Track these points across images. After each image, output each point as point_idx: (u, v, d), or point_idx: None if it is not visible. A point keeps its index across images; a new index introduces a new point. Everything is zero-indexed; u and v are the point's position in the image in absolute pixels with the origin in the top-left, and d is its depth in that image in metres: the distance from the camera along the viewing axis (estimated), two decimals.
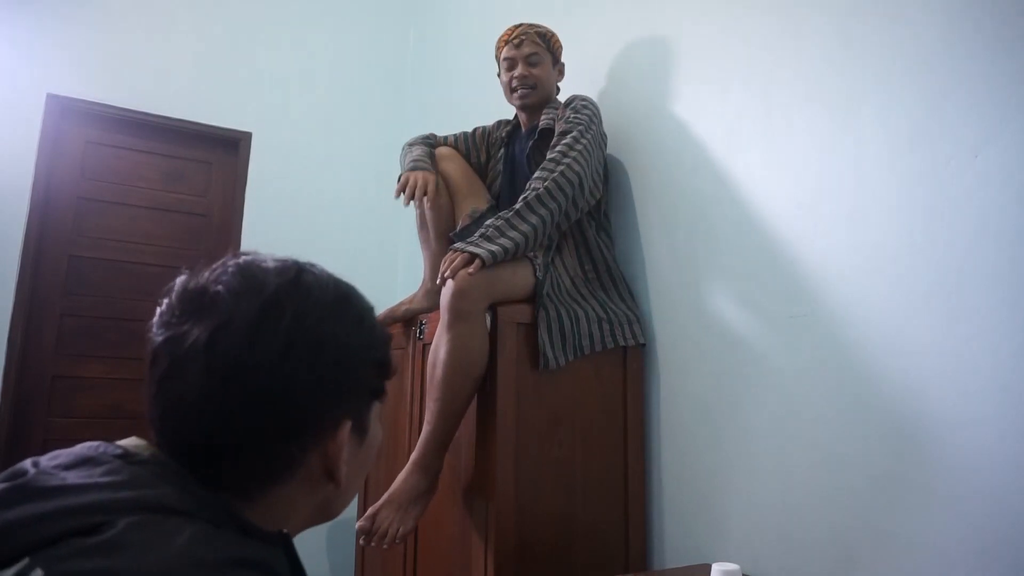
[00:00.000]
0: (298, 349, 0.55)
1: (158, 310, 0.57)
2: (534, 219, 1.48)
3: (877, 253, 1.18)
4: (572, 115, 1.64)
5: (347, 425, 0.58)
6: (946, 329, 1.07)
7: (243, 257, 0.59)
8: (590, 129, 1.62)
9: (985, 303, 1.02)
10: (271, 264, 0.59)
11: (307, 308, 0.57)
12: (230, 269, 0.57)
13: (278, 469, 0.56)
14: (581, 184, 1.54)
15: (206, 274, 0.58)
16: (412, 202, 1.71)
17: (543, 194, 1.50)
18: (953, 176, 1.08)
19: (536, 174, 1.55)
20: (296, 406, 0.55)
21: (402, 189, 1.71)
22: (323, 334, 0.57)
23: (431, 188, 1.71)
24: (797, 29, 1.38)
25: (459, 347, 1.39)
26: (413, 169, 1.75)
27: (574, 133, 1.59)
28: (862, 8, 1.25)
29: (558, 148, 1.57)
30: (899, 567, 1.09)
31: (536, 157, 1.72)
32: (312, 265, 0.61)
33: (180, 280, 0.58)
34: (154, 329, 0.56)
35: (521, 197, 1.52)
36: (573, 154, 1.55)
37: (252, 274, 0.57)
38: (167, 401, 0.54)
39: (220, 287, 0.55)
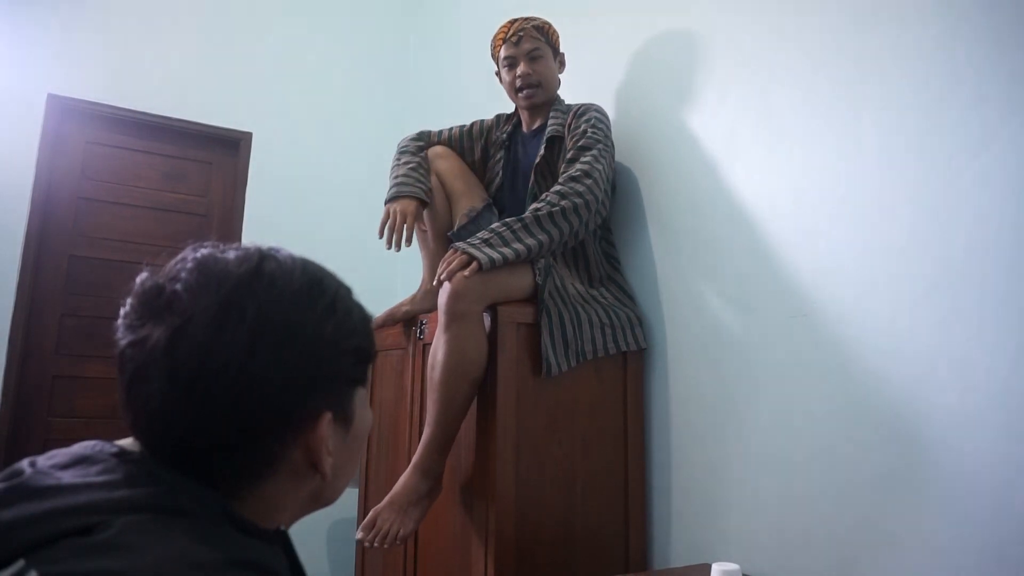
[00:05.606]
0: (264, 344, 0.51)
1: (122, 311, 0.54)
2: (543, 236, 1.46)
3: (877, 253, 1.18)
4: (591, 131, 1.61)
5: (327, 417, 0.56)
6: (945, 329, 1.06)
7: (202, 250, 0.56)
8: (607, 147, 1.61)
9: (984, 303, 1.02)
10: (231, 255, 0.55)
11: (271, 299, 0.53)
12: (188, 264, 0.54)
13: (259, 467, 0.54)
14: (596, 208, 1.53)
15: (165, 270, 0.54)
16: (392, 245, 1.61)
17: (557, 213, 1.47)
18: (953, 176, 1.08)
19: (554, 188, 1.52)
20: (267, 404, 0.52)
21: (382, 229, 1.63)
22: (291, 325, 0.53)
23: (410, 220, 1.62)
24: (796, 30, 1.38)
25: (456, 349, 1.39)
26: (395, 196, 1.67)
27: (594, 151, 1.57)
28: (862, 9, 1.25)
29: (579, 167, 1.54)
30: (898, 566, 1.09)
31: (544, 169, 1.69)
32: (277, 250, 0.57)
33: (140, 278, 0.55)
34: (118, 332, 0.54)
35: (532, 208, 1.49)
36: (595, 174, 1.54)
37: (211, 268, 0.54)
38: (136, 406, 0.52)
39: (178, 285, 0.52)
